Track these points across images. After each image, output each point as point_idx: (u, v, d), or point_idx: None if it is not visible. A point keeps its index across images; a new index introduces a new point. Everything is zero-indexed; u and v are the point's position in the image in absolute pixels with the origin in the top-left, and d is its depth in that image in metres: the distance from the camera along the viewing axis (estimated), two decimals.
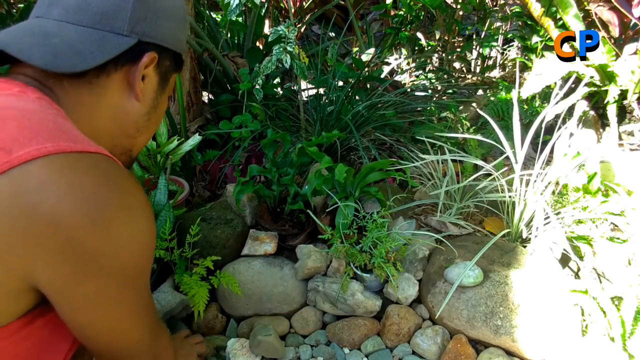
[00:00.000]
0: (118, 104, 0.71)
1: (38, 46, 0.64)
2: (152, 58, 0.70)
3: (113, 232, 0.58)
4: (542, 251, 1.30)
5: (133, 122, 0.74)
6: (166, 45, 0.73)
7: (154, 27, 0.71)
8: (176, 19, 0.75)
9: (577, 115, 1.85)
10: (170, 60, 0.76)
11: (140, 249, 0.63)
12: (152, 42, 0.70)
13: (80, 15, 0.66)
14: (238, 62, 2.28)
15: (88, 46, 0.65)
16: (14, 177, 0.52)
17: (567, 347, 1.11)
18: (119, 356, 0.69)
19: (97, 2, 0.67)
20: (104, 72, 0.68)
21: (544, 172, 1.37)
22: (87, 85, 0.67)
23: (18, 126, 0.56)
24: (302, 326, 1.28)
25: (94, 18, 0.66)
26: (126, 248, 0.60)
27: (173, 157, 1.55)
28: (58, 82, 0.66)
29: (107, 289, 0.61)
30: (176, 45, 0.75)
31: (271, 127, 1.90)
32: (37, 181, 0.53)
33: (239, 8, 1.55)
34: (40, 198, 0.53)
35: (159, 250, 1.23)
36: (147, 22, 0.69)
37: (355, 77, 2.22)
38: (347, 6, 2.87)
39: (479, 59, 3.07)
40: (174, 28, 0.74)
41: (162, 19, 0.72)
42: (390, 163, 1.44)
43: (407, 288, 1.26)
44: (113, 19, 0.67)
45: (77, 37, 0.65)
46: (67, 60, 0.64)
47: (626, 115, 2.08)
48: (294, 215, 1.49)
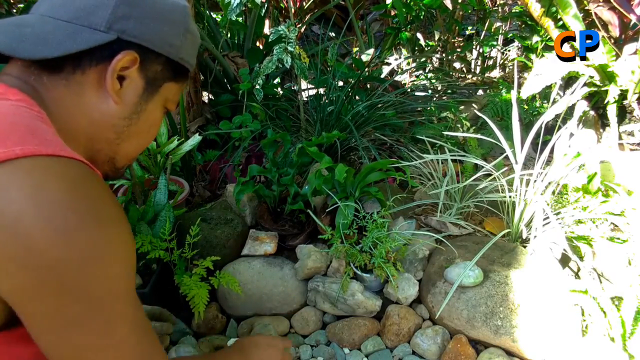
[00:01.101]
0: (94, 104, 0.68)
1: (7, 34, 0.63)
2: (132, 58, 0.67)
3: (77, 244, 0.52)
4: (542, 251, 1.30)
5: (110, 124, 0.70)
6: (152, 48, 0.69)
7: (138, 26, 0.67)
8: (169, 23, 0.71)
9: (577, 115, 1.85)
10: (163, 66, 0.72)
11: (108, 266, 0.56)
12: (134, 42, 0.67)
13: (63, 10, 0.65)
14: (238, 62, 2.28)
15: (58, 37, 0.64)
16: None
17: (567, 347, 1.11)
18: None
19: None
20: (79, 67, 0.65)
21: (544, 172, 1.37)
22: (64, 81, 0.65)
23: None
24: (302, 326, 1.28)
25: (74, 13, 0.65)
26: (91, 263, 0.54)
27: (173, 157, 1.55)
28: (39, 78, 0.65)
29: (68, 309, 0.54)
30: (169, 51, 0.72)
31: (271, 127, 1.90)
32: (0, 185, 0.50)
33: (239, 8, 1.55)
34: (2, 203, 0.50)
35: (159, 251, 1.23)
36: (130, 21, 0.66)
37: (355, 77, 2.22)
38: (347, 6, 2.87)
39: (479, 59, 3.07)
40: (166, 32, 0.71)
41: (150, 19, 0.69)
42: (390, 163, 1.44)
43: (407, 288, 1.26)
44: (92, 14, 0.65)
45: (51, 29, 0.64)
46: (30, 46, 0.63)
47: (626, 115, 2.08)
48: (294, 215, 1.49)
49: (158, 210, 1.34)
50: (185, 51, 0.75)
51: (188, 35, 0.75)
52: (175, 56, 0.73)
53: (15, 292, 0.52)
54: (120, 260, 0.58)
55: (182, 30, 0.74)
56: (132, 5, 0.67)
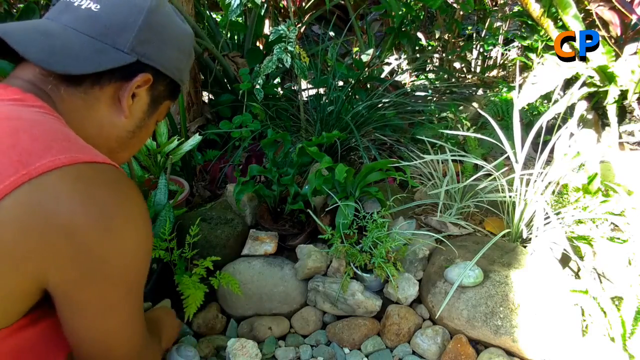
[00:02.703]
0: (106, 117, 0.73)
1: (37, 43, 0.66)
2: (147, 79, 0.73)
3: (120, 241, 0.62)
4: (542, 251, 1.30)
5: (117, 136, 0.76)
6: (164, 71, 0.76)
7: (156, 51, 0.74)
8: (181, 50, 0.79)
9: (577, 115, 1.84)
10: (166, 87, 0.79)
11: (141, 258, 0.67)
12: (150, 65, 0.73)
13: (88, 25, 0.69)
14: (238, 62, 2.27)
15: (86, 53, 0.68)
16: (32, 189, 0.55)
17: (568, 347, 1.11)
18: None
19: (107, 17, 0.70)
20: (98, 84, 0.70)
21: (544, 172, 1.37)
22: (82, 95, 0.70)
23: (30, 138, 0.58)
24: (302, 326, 1.28)
25: (99, 30, 0.69)
26: (130, 257, 0.64)
27: (173, 157, 1.55)
28: (56, 88, 0.68)
29: (108, 295, 0.64)
30: (175, 74, 0.79)
31: (271, 127, 1.90)
32: (52, 192, 0.57)
33: (239, 8, 1.55)
34: (55, 208, 0.56)
35: (159, 251, 1.23)
36: (150, 46, 0.73)
37: (355, 77, 2.22)
38: (347, 6, 2.87)
39: (479, 58, 3.07)
40: (177, 58, 0.79)
41: (166, 46, 0.76)
42: (391, 163, 1.44)
43: (407, 288, 1.26)
44: (117, 35, 0.70)
45: (78, 43, 0.68)
46: (62, 61, 0.66)
47: (626, 115, 2.08)
48: (294, 215, 1.49)
49: (158, 210, 1.34)
50: (185, 74, 0.83)
51: (189, 59, 0.84)
52: (178, 78, 0.81)
53: (65, 283, 0.60)
54: (147, 253, 0.69)
55: (187, 56, 0.82)
56: (153, 31, 0.73)
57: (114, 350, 0.70)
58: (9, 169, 0.55)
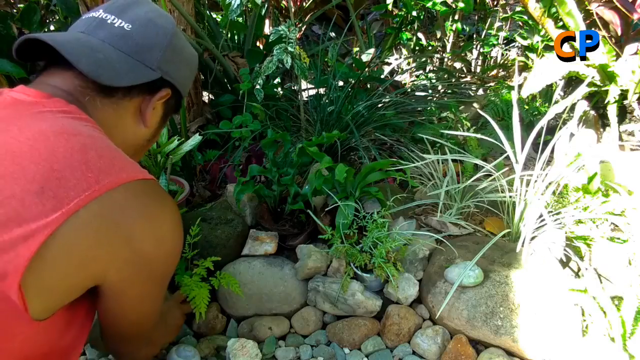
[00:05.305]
0: (130, 126, 0.84)
1: (85, 56, 0.74)
2: (166, 94, 0.85)
3: (164, 246, 0.74)
4: (542, 251, 1.30)
5: (135, 143, 0.87)
6: (178, 87, 0.88)
7: (176, 70, 0.86)
8: (191, 70, 0.93)
9: (577, 115, 1.85)
10: (176, 101, 0.91)
11: (176, 258, 0.80)
12: (170, 82, 0.85)
13: (122, 42, 0.79)
14: (238, 62, 2.27)
15: (124, 68, 0.78)
16: (103, 202, 0.65)
17: (568, 347, 1.11)
18: (130, 335, 0.86)
19: (139, 37, 0.80)
20: (128, 95, 0.81)
21: (544, 173, 1.37)
22: (114, 105, 0.80)
23: (97, 155, 0.67)
24: (302, 326, 1.28)
25: (132, 48, 0.79)
26: (169, 259, 0.78)
27: (173, 157, 1.55)
28: (92, 99, 0.77)
29: (150, 289, 0.80)
30: (184, 90, 0.91)
31: (271, 127, 1.90)
32: (119, 206, 0.66)
33: (240, 8, 1.56)
34: (121, 218, 0.67)
35: None
36: (172, 65, 0.84)
37: (356, 77, 2.22)
38: (348, 6, 2.87)
39: (479, 58, 3.07)
40: (188, 76, 0.91)
41: (183, 65, 0.88)
42: (391, 163, 1.44)
43: (408, 288, 1.26)
44: (148, 53, 0.81)
45: (116, 58, 0.77)
46: (107, 73, 0.76)
47: (627, 115, 2.07)
48: (294, 215, 1.49)
49: None
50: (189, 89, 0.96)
51: (194, 76, 0.96)
52: (185, 94, 0.93)
53: (121, 281, 0.72)
54: (180, 254, 0.82)
55: (193, 74, 0.95)
56: (175, 51, 0.85)
57: (142, 326, 0.86)
58: (83, 184, 0.63)
